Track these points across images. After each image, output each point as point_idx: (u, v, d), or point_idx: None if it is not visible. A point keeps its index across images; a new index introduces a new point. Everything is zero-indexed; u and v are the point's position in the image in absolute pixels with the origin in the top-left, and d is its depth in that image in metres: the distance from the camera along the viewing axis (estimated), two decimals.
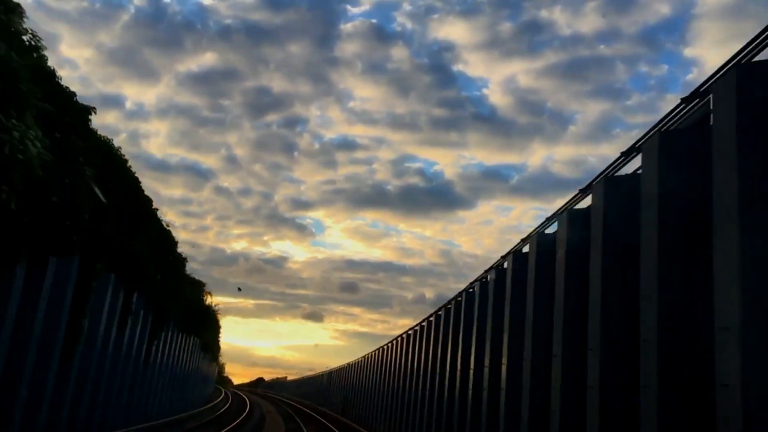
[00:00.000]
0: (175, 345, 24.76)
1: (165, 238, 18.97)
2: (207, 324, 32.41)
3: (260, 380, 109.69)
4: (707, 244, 5.16)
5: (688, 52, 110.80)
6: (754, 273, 4.57)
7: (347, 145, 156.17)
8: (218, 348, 50.77)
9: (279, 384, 79.96)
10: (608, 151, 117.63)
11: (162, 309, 18.94)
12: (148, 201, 16.64)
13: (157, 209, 17.67)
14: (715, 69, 5.37)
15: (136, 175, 14.91)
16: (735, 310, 4.58)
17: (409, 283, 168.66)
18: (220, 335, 46.21)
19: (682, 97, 5.75)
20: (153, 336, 18.67)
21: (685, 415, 5.34)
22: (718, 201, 4.98)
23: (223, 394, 44.42)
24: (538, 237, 8.97)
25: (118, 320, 14.52)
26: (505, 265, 10.42)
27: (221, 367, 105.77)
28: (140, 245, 14.78)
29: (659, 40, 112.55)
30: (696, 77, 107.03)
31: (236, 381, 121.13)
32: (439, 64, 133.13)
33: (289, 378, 73.58)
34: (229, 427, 20.99)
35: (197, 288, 27.83)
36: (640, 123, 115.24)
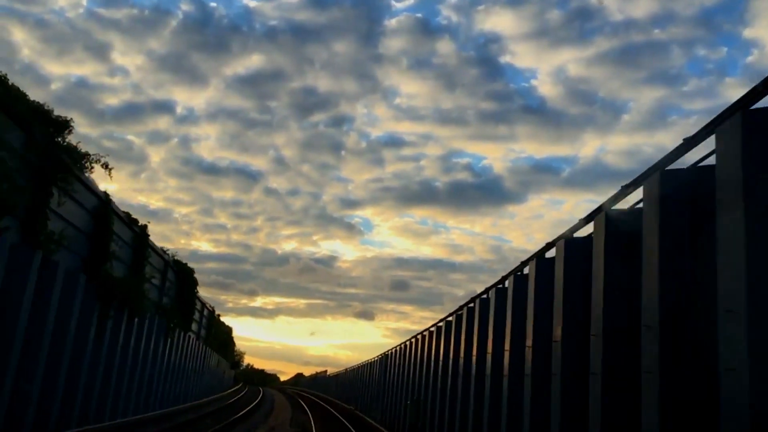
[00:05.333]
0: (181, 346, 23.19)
1: None
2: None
3: (300, 376, 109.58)
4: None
5: (748, 32, 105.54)
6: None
7: (394, 142, 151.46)
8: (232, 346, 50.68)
9: (319, 381, 76.02)
10: (664, 140, 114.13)
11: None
12: None
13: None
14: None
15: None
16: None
17: (460, 280, 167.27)
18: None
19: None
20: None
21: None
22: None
23: (245, 389, 41.97)
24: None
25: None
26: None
27: (247, 370, 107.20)
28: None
29: (717, 22, 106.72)
30: (757, 59, 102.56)
31: (283, 378, 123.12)
32: (486, 57, 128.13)
33: (330, 372, 69.55)
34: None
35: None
36: (698, 109, 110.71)
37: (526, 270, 10.03)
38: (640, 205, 6.63)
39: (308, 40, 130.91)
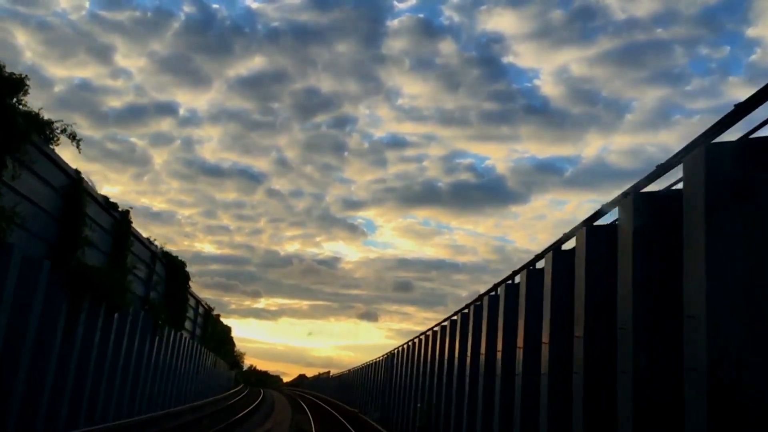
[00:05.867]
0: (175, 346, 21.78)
1: None
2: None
3: (302, 377, 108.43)
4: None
5: (751, 31, 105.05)
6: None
7: (397, 143, 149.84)
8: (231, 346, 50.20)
9: (322, 382, 74.34)
10: (668, 140, 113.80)
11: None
12: None
13: None
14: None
15: None
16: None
17: (463, 281, 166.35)
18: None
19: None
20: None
21: None
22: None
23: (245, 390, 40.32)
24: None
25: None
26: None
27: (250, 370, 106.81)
28: None
29: (719, 21, 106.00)
30: (760, 58, 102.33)
31: (286, 380, 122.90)
32: (488, 57, 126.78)
33: (333, 373, 67.78)
34: None
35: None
36: (701, 108, 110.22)
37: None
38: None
39: (310, 41, 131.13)
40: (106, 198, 15.16)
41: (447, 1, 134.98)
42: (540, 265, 9.27)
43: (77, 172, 13.09)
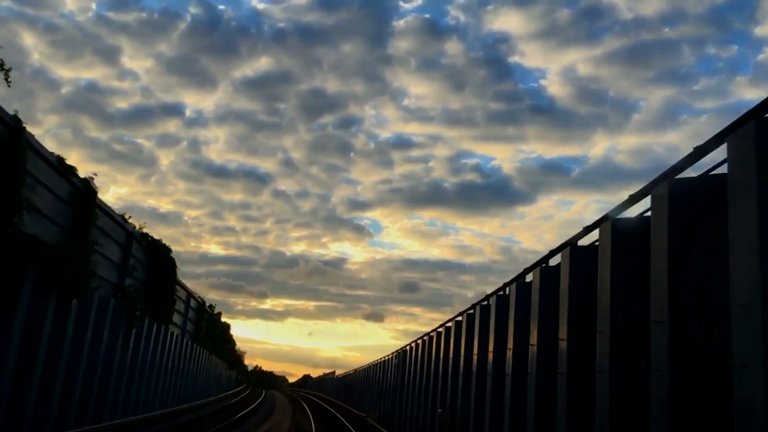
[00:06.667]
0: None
1: None
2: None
3: (307, 378, 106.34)
4: None
5: (759, 30, 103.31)
6: None
7: (403, 143, 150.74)
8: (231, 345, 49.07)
9: (327, 382, 71.43)
10: (675, 139, 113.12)
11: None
12: None
13: None
14: None
15: None
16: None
17: (469, 282, 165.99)
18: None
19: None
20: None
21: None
22: None
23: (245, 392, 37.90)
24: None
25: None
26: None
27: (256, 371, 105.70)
28: None
29: (727, 20, 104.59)
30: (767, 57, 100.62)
31: (291, 380, 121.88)
32: (494, 57, 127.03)
33: (338, 374, 64.91)
34: None
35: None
36: (708, 108, 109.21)
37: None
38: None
39: (316, 41, 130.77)
40: (60, 159, 12.53)
41: (453, 1, 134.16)
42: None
43: (15, 119, 10.49)
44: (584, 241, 7.91)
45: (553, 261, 8.76)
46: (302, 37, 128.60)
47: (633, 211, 6.78)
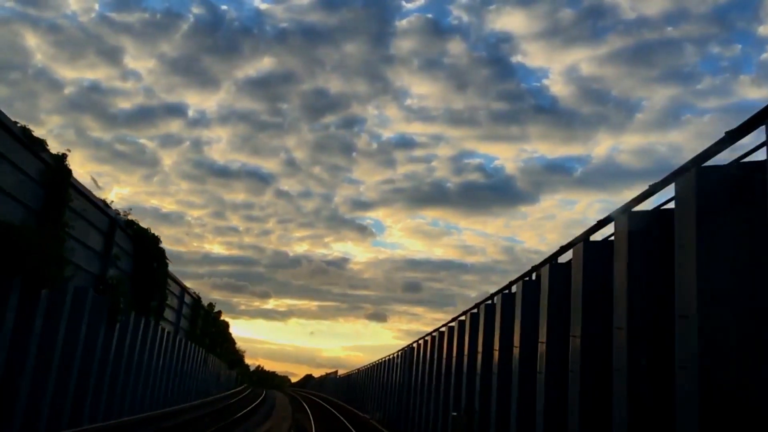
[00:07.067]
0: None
1: None
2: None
3: (309, 377, 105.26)
4: None
5: (763, 30, 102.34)
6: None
7: (405, 143, 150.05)
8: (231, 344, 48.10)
9: (329, 382, 69.86)
10: (678, 139, 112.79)
11: None
12: None
13: None
14: None
15: None
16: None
17: (472, 282, 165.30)
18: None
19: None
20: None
21: None
22: None
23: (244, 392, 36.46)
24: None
25: None
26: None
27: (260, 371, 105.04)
28: None
29: (730, 19, 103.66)
30: None
31: (294, 380, 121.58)
32: (497, 57, 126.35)
33: (341, 373, 63.38)
34: None
35: None
36: (712, 107, 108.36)
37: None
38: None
39: (319, 41, 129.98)
40: (26, 130, 11.10)
41: (455, 1, 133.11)
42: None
43: None
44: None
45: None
46: (305, 37, 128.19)
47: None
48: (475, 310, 12.91)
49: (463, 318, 13.59)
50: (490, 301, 11.78)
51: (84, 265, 14.27)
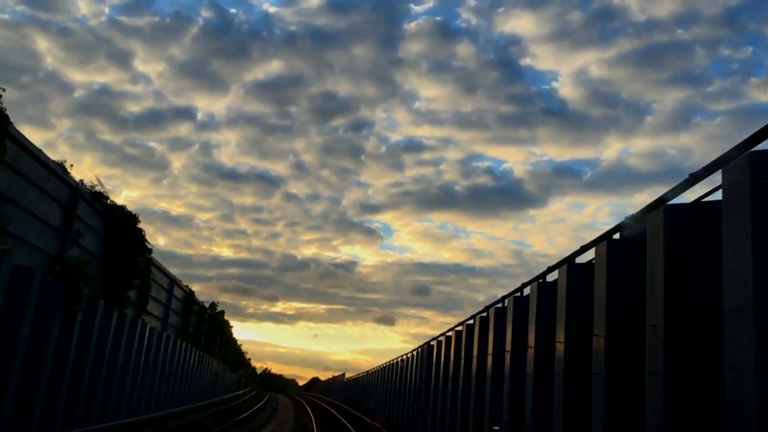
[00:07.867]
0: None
1: None
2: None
3: (315, 380, 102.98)
4: None
5: None
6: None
7: (414, 146, 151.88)
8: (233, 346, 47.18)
9: (336, 385, 67.03)
10: (689, 142, 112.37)
11: None
12: None
13: None
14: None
15: None
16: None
17: (481, 285, 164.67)
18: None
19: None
20: None
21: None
22: None
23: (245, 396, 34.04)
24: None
25: None
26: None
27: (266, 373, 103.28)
28: None
29: (741, 21, 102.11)
30: None
31: (301, 383, 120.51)
32: (506, 60, 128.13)
33: (348, 376, 60.63)
34: None
35: None
36: (722, 110, 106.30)
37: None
38: None
39: (327, 44, 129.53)
40: None
41: (464, 4, 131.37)
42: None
43: None
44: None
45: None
46: (313, 40, 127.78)
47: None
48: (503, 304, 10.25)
49: (500, 305, 10.87)
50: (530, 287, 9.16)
51: (33, 241, 11.64)
